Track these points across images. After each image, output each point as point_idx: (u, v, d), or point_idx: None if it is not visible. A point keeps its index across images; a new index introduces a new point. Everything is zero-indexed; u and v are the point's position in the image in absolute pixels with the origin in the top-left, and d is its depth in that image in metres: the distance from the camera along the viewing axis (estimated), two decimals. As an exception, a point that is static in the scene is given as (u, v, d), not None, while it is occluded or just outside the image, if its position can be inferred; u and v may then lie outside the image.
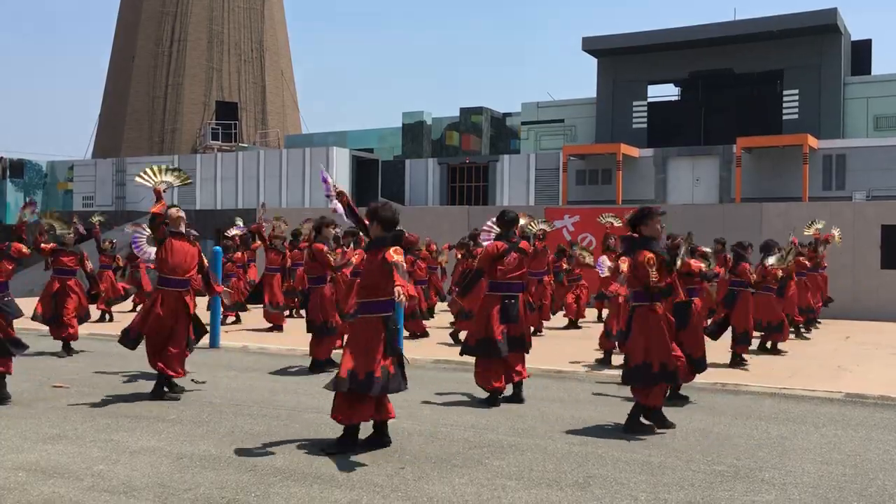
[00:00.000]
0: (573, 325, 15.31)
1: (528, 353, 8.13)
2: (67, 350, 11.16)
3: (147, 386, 8.86)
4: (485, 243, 9.21)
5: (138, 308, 15.50)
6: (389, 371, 6.02)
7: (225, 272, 14.26)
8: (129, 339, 8.22)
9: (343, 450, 5.98)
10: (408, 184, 33.66)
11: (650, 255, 6.72)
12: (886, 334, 14.81)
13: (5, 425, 6.86)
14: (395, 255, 5.87)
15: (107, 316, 16.07)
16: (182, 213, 8.34)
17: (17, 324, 15.18)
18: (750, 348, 11.16)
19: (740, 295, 10.86)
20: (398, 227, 6.25)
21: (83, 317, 11.60)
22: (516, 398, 8.02)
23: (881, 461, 6.06)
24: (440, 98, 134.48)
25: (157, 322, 8.05)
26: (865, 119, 29.96)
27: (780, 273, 11.14)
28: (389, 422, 6.40)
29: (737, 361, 10.68)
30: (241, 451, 6.04)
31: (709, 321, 10.77)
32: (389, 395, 6.18)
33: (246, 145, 41.76)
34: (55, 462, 5.76)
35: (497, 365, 7.90)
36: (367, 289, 6.18)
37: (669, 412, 7.36)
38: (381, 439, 6.23)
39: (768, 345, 11.96)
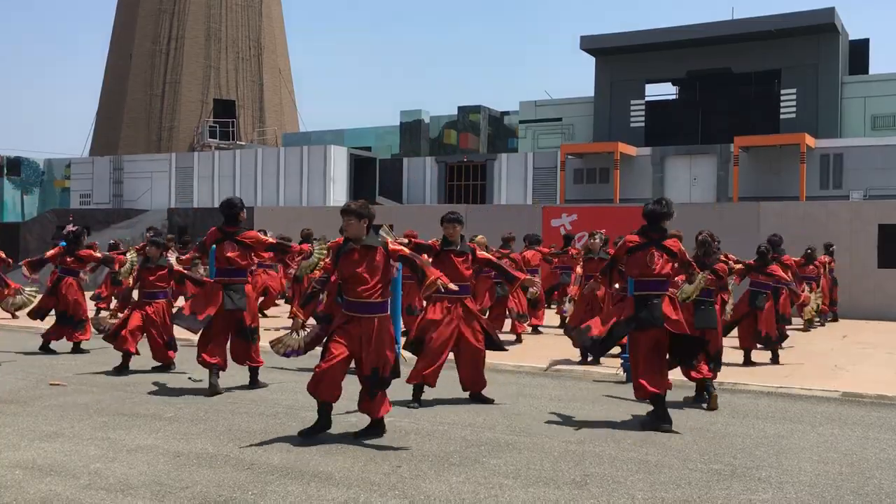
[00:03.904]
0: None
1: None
2: (46, 349, 11.18)
3: (143, 383, 8.87)
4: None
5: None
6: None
7: None
8: None
9: None
10: (406, 182, 33.63)
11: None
12: (883, 333, 14.83)
13: (2, 423, 6.86)
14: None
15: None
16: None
17: (19, 322, 15.14)
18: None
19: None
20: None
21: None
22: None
23: (878, 460, 6.07)
24: (438, 96, 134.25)
25: None
26: (863, 118, 29.97)
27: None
28: (388, 419, 6.52)
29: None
30: (238, 449, 6.03)
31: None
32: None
33: (243, 143, 41.71)
34: (52, 460, 5.76)
35: None
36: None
37: (669, 411, 7.37)
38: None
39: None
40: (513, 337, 12.91)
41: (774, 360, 10.93)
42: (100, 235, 29.15)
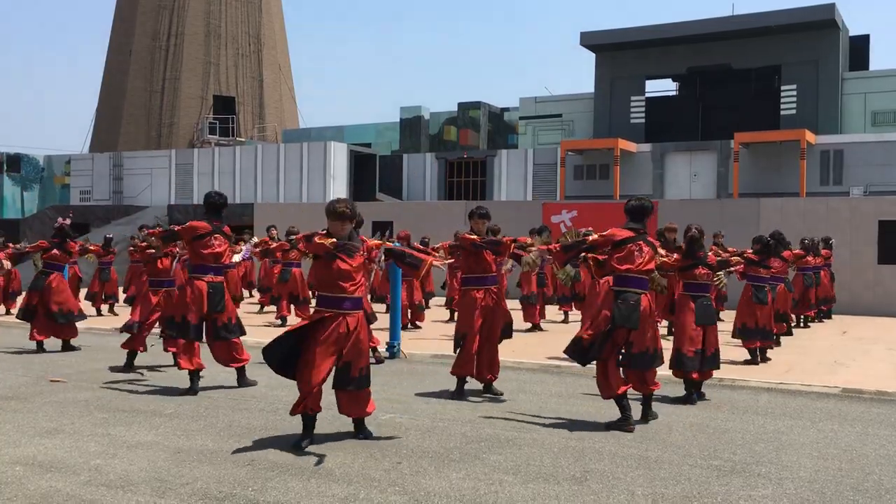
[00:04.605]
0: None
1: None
2: (41, 348, 11.12)
3: (143, 379, 8.88)
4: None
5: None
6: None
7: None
8: None
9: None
10: (405, 179, 33.63)
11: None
12: (883, 329, 14.84)
13: (2, 420, 6.86)
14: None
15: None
16: None
17: (16, 319, 15.07)
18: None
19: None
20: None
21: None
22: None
23: (877, 456, 6.08)
24: (438, 93, 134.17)
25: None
26: (863, 114, 29.94)
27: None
28: (388, 415, 6.50)
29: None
30: (238, 446, 6.04)
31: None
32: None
33: (243, 140, 41.69)
34: (52, 456, 5.76)
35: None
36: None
37: (669, 407, 7.38)
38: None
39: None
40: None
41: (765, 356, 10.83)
42: (100, 232, 29.17)
